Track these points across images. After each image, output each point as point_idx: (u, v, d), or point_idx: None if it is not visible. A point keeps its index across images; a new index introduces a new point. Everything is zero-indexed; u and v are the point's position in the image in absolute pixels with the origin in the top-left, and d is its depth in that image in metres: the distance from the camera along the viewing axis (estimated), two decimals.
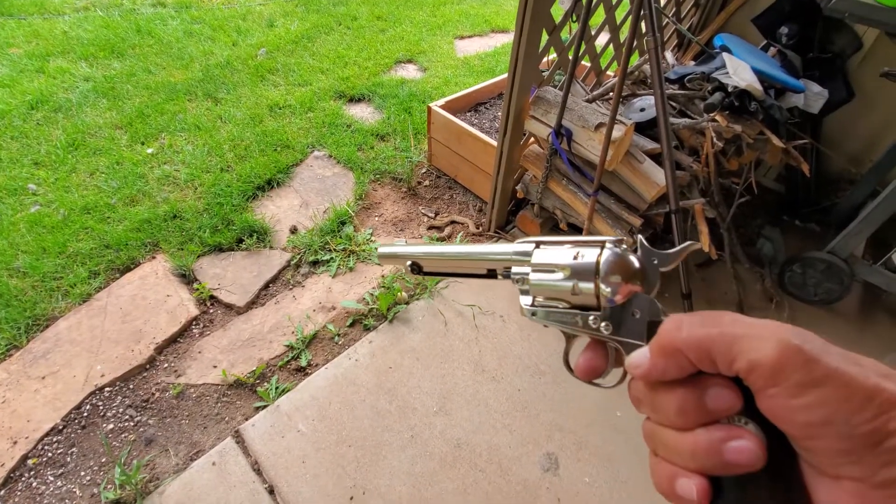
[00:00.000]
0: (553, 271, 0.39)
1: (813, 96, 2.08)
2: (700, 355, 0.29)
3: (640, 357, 0.32)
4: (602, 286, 0.36)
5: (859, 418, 0.24)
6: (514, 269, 0.43)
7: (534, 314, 0.41)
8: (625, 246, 0.37)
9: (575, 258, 0.38)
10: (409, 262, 0.49)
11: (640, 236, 0.37)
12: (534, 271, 0.41)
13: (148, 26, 3.59)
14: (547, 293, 0.40)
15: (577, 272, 0.37)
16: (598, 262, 0.36)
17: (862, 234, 1.89)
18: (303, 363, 1.71)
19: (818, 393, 0.25)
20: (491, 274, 0.46)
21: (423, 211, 2.39)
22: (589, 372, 0.39)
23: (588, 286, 0.36)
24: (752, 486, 0.28)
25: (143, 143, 2.59)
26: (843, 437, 0.25)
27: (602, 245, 0.37)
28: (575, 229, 2.04)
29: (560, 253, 0.39)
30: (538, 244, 0.41)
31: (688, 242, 0.35)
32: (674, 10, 2.26)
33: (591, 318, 0.37)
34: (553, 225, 2.14)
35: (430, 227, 2.31)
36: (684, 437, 0.30)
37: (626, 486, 1.45)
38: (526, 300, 0.41)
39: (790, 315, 2.01)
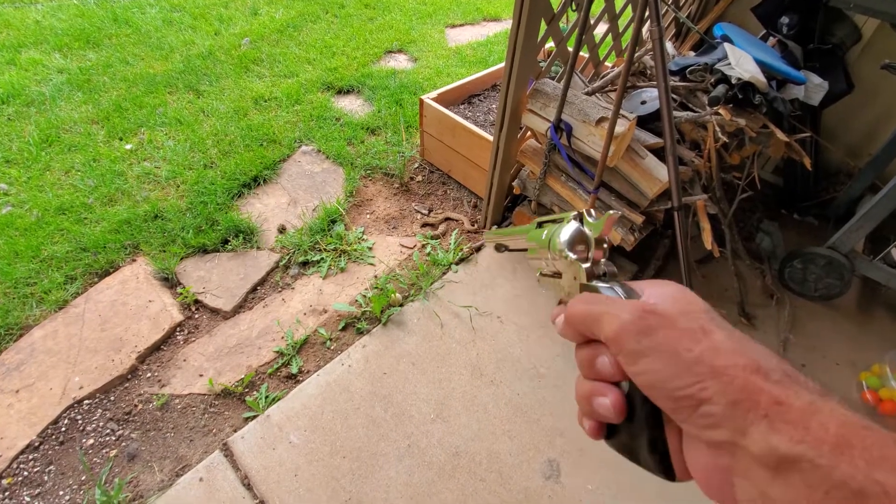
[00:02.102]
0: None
1: (813, 88, 2.04)
2: (584, 326, 0.35)
3: (558, 320, 0.39)
4: (555, 258, 0.43)
5: (677, 384, 0.28)
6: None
7: (539, 280, 0.47)
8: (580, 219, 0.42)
9: (542, 236, 0.45)
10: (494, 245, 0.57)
11: (583, 209, 0.42)
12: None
13: (125, 15, 3.43)
14: (538, 269, 0.48)
15: (543, 246, 0.45)
16: (550, 238, 0.43)
17: (863, 230, 1.86)
18: (293, 370, 1.64)
19: (645, 361, 0.30)
20: None
21: (416, 207, 2.32)
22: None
23: (549, 258, 0.44)
24: (622, 428, 0.34)
25: (121, 139, 2.48)
26: (669, 399, 0.29)
27: (561, 221, 0.44)
28: None
29: (538, 232, 0.46)
30: (540, 224, 0.48)
31: (610, 212, 0.39)
32: None
33: (560, 283, 0.43)
34: None
35: (424, 225, 2.24)
36: (582, 382, 0.36)
37: (630, 493, 1.41)
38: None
39: (791, 311, 1.98)
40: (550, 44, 1.75)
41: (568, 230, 0.41)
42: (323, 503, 1.34)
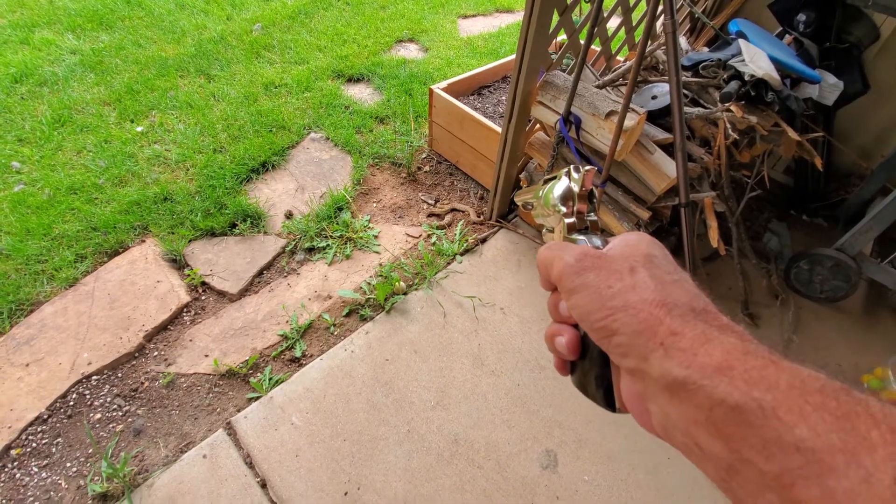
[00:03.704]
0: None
1: (828, 87, 2.01)
2: (544, 273, 0.37)
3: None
4: (548, 213, 0.46)
5: (596, 317, 0.31)
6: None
7: (543, 235, 0.50)
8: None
9: (541, 192, 0.48)
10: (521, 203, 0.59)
11: (573, 166, 0.44)
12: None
13: None
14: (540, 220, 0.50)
15: (539, 202, 0.48)
16: (546, 192, 0.46)
17: (872, 232, 1.84)
18: (297, 354, 1.66)
19: (576, 297, 0.33)
20: None
21: (422, 198, 2.32)
22: None
23: (545, 213, 0.46)
24: (578, 365, 0.38)
25: (132, 121, 2.49)
26: (592, 331, 0.32)
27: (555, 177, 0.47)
28: None
29: (539, 188, 0.49)
30: (547, 181, 0.49)
31: (588, 167, 0.42)
32: None
33: (549, 234, 0.47)
34: None
35: (430, 215, 2.25)
36: (550, 325, 0.39)
37: (626, 485, 1.43)
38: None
39: (795, 312, 1.97)
40: (562, 36, 1.74)
41: (560, 186, 0.43)
42: (323, 484, 1.37)
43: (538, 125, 1.92)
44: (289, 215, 2.15)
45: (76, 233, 1.93)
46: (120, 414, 1.50)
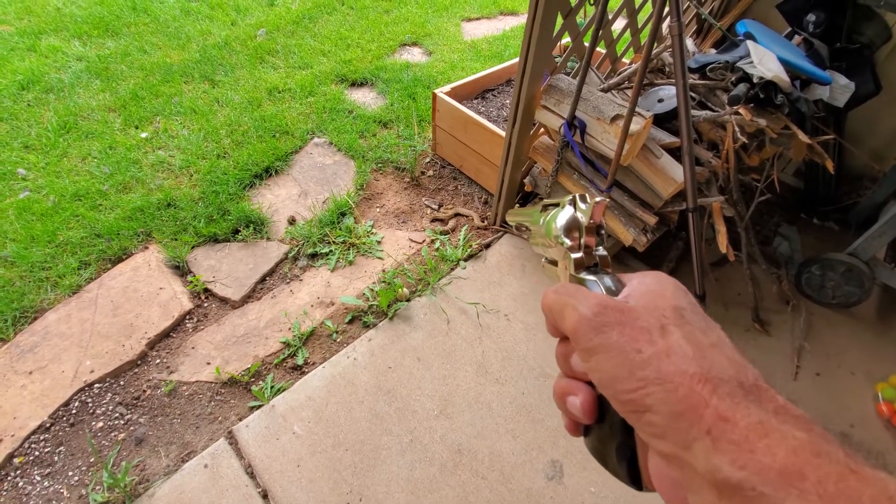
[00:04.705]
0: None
1: (839, 89, 1.97)
2: (551, 320, 0.33)
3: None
4: (551, 244, 0.41)
5: (624, 387, 0.26)
6: None
7: (544, 266, 0.45)
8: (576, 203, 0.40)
9: (541, 221, 0.43)
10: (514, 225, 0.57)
11: (578, 193, 0.39)
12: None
13: (144, 4, 3.46)
14: (544, 255, 0.46)
15: (542, 232, 0.43)
16: (546, 223, 0.42)
17: (886, 237, 1.80)
18: (299, 361, 1.65)
19: (596, 359, 0.28)
20: None
21: (426, 202, 2.31)
22: None
23: (547, 244, 0.42)
24: (594, 430, 0.33)
25: (136, 127, 2.50)
26: (617, 402, 0.27)
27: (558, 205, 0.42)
28: None
29: (539, 215, 0.45)
30: (545, 207, 0.46)
31: (598, 198, 0.37)
32: None
33: (557, 272, 0.41)
34: None
35: (434, 220, 2.23)
36: (560, 379, 0.34)
37: (633, 497, 1.39)
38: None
39: (806, 318, 1.93)
40: (567, 39, 1.72)
41: (564, 216, 0.39)
42: (325, 494, 1.35)
43: (542, 129, 1.90)
44: (292, 221, 2.14)
45: (80, 239, 1.93)
46: (122, 422, 1.49)
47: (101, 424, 1.49)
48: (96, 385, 1.56)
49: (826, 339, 1.91)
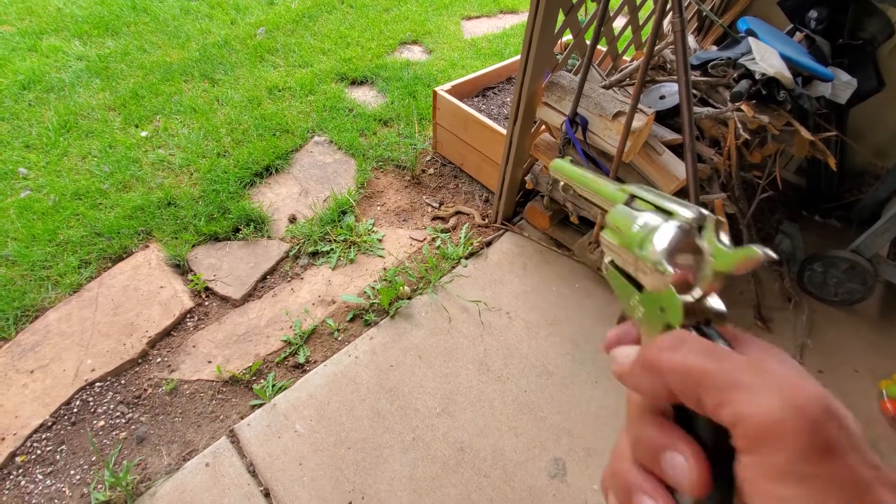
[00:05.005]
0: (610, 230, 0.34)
1: (841, 85, 1.96)
2: (685, 387, 0.24)
3: (623, 356, 0.29)
4: (640, 263, 0.30)
5: None
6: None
7: (606, 270, 0.36)
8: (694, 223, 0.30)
9: (632, 225, 0.32)
10: (562, 184, 0.45)
11: (713, 217, 0.28)
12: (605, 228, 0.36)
13: (144, 3, 3.46)
14: (610, 255, 0.35)
15: (627, 238, 0.32)
16: (645, 234, 0.30)
17: (889, 234, 1.79)
18: (301, 360, 1.64)
19: (805, 489, 0.19)
20: None
21: (427, 201, 2.30)
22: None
23: (631, 258, 0.31)
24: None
25: (136, 126, 2.50)
26: None
27: (671, 215, 0.30)
28: (586, 223, 1.95)
29: (628, 213, 0.33)
30: (633, 197, 0.35)
31: (754, 248, 0.25)
32: None
33: (636, 297, 0.31)
34: (563, 217, 2.05)
35: (435, 218, 2.23)
36: (623, 465, 0.26)
37: None
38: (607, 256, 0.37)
39: (809, 315, 1.92)
40: (568, 36, 1.71)
41: (673, 234, 0.28)
42: (327, 493, 1.35)
43: (544, 127, 1.90)
44: (292, 219, 2.14)
45: (80, 238, 1.93)
46: (123, 421, 1.49)
47: (102, 423, 1.48)
48: (97, 384, 1.56)
49: (829, 337, 1.90)
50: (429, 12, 3.80)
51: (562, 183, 0.45)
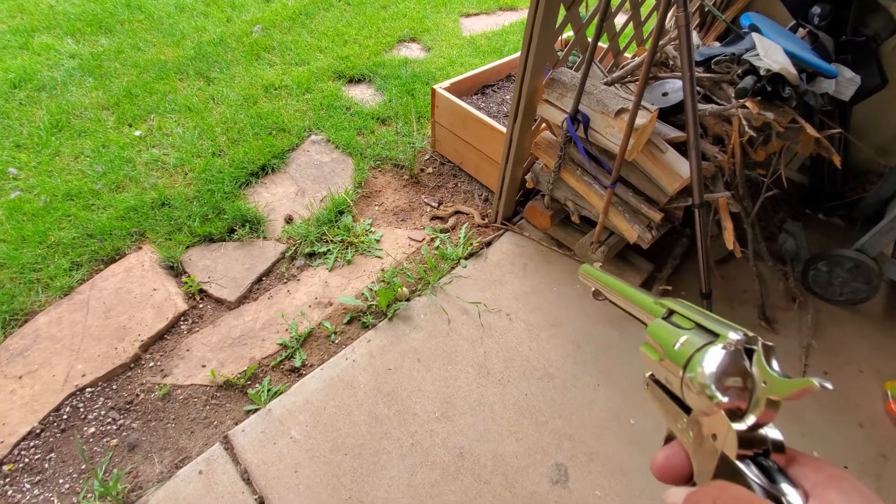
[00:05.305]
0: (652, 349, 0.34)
1: (845, 82, 1.93)
2: None
3: (672, 500, 0.28)
4: (687, 386, 0.29)
5: None
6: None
7: (647, 385, 0.35)
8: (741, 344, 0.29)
9: (675, 343, 0.31)
10: (593, 289, 0.46)
11: (761, 341, 0.28)
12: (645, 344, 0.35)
13: (138, 0, 3.41)
14: (649, 369, 0.35)
15: (669, 356, 0.31)
16: (691, 355, 0.29)
17: (893, 232, 1.77)
18: (297, 363, 1.61)
19: None
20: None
21: (425, 200, 2.27)
22: (667, 472, 0.30)
23: (673, 378, 0.31)
24: None
25: (130, 125, 2.46)
26: None
27: (716, 336, 0.29)
28: (588, 222, 1.92)
29: (668, 330, 0.33)
30: (672, 312, 0.35)
31: (813, 380, 0.24)
32: None
33: (683, 419, 0.30)
34: (564, 217, 2.02)
35: (434, 218, 2.19)
36: None
37: (639, 500, 1.36)
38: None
39: (814, 315, 1.89)
40: (569, 32, 1.68)
41: (722, 357, 0.27)
42: (323, 501, 1.31)
43: (544, 124, 1.86)
44: (289, 220, 2.10)
45: (72, 240, 1.89)
46: (114, 428, 1.45)
47: (92, 430, 1.45)
48: (88, 389, 1.52)
49: (833, 337, 1.87)
50: (427, 9, 3.77)
51: (592, 288, 0.45)
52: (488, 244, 2.03)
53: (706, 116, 1.65)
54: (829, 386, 0.24)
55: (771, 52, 1.67)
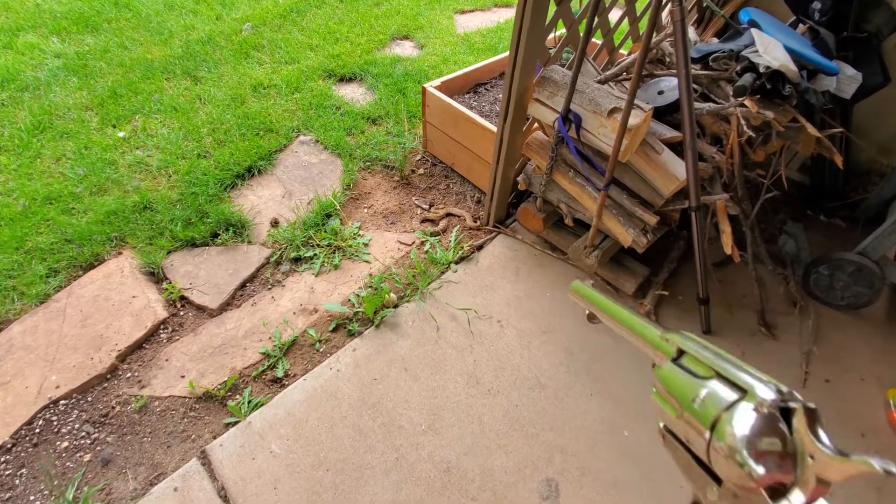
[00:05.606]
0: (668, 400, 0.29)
1: (846, 79, 1.88)
2: None
3: None
4: (714, 451, 0.25)
5: None
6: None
7: (663, 437, 0.31)
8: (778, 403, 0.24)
9: (695, 398, 0.26)
10: (587, 311, 0.43)
11: (802, 402, 0.23)
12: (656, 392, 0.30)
13: None
14: (663, 421, 0.30)
15: (690, 412, 0.26)
16: (717, 416, 0.25)
17: None
18: (279, 374, 1.55)
19: None
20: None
21: (416, 202, 2.21)
22: None
23: (696, 438, 0.26)
24: None
25: (114, 126, 2.40)
26: None
27: (745, 392, 0.24)
28: (582, 225, 1.86)
29: (684, 379, 0.28)
30: (682, 352, 0.30)
31: (873, 462, 0.21)
32: None
33: (714, 489, 0.25)
34: (557, 220, 1.96)
35: (424, 221, 2.13)
36: None
37: None
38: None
39: (815, 320, 1.84)
40: (561, 30, 1.62)
41: (754, 421, 0.23)
42: None
43: (536, 124, 1.80)
44: (275, 223, 2.04)
45: (49, 245, 1.83)
46: (88, 442, 1.40)
47: (65, 444, 1.39)
48: (62, 402, 1.47)
49: (835, 343, 1.82)
50: (421, 6, 3.70)
51: (587, 311, 0.41)
52: (480, 248, 1.98)
53: (703, 115, 1.59)
54: (894, 470, 0.20)
55: (771, 48, 1.61)
